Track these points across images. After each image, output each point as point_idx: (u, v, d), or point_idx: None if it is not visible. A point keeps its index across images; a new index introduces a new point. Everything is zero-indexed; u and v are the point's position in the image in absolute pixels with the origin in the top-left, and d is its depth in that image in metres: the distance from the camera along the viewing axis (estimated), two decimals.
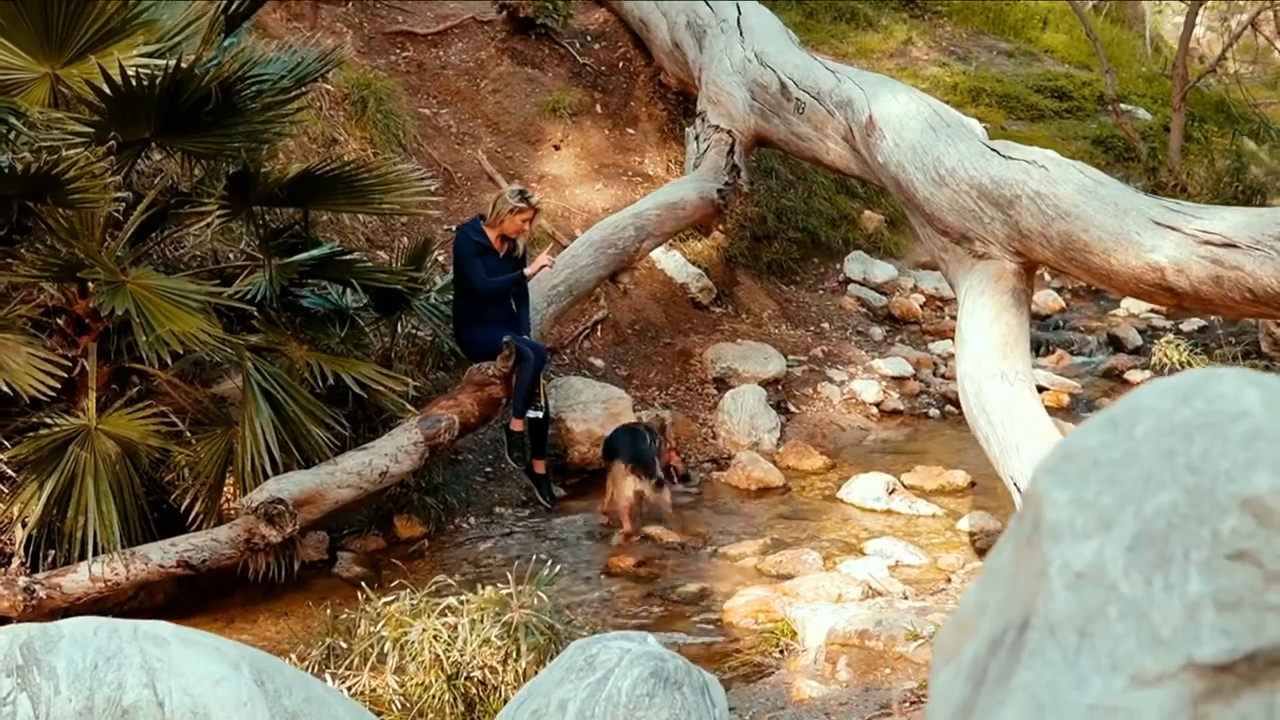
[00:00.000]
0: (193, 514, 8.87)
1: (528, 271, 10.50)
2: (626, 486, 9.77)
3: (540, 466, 10.51)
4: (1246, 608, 1.87)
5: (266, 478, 8.70)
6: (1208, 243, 7.46)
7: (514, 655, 6.54)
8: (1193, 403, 2.05)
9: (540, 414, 10.32)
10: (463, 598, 6.82)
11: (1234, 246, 7.31)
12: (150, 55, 8.66)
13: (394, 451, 9.34)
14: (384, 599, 7.01)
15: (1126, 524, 1.98)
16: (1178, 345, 12.37)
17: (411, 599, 6.90)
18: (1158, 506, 1.96)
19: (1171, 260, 7.63)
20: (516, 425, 10.26)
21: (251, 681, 4.51)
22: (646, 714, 4.81)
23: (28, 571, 8.28)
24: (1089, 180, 8.47)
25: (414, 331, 11.09)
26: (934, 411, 12.81)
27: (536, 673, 5.78)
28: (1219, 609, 1.88)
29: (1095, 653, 1.94)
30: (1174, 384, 2.13)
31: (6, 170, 7.86)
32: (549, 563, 7.45)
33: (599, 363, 12.22)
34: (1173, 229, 7.71)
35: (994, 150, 9.22)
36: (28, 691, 4.23)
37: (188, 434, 8.93)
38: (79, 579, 8.13)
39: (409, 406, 9.62)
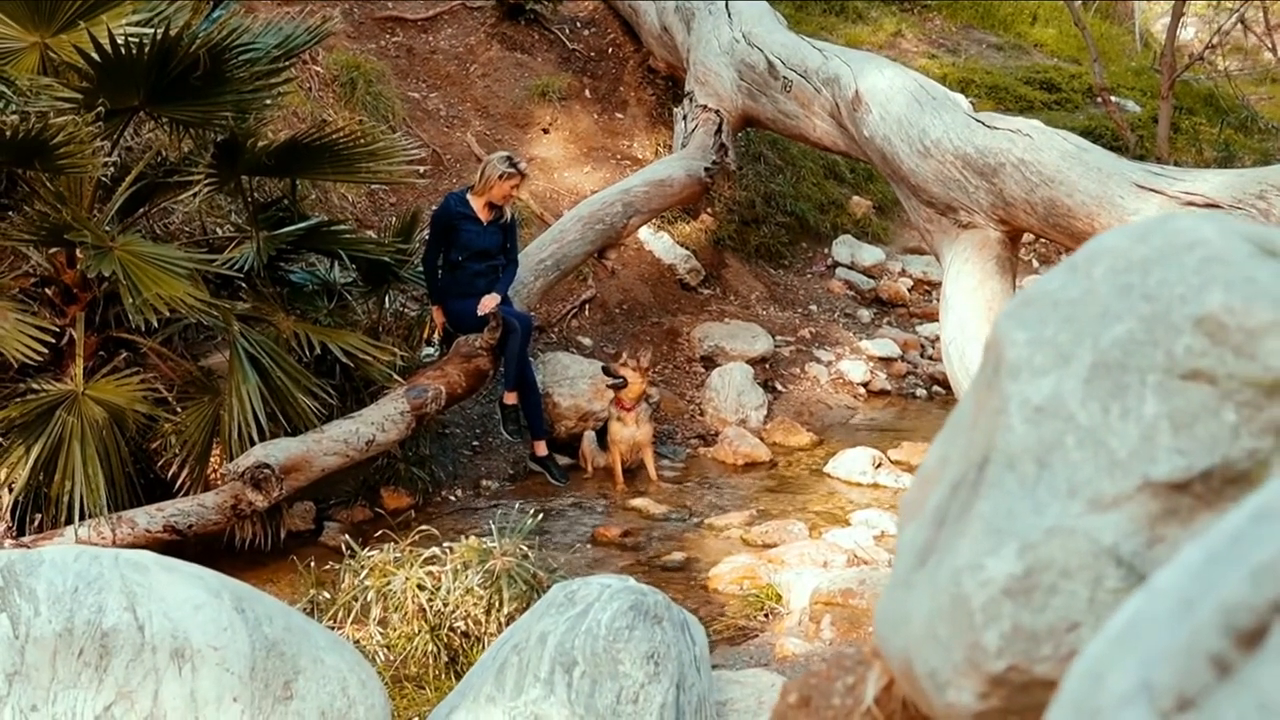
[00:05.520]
0: (179, 482, 8.84)
1: (481, 309, 10.25)
2: None
3: (541, 448, 10.51)
4: (1200, 426, 1.90)
5: (253, 445, 8.71)
6: (1190, 204, 7.48)
7: (497, 605, 6.56)
8: (1150, 240, 2.08)
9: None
10: (446, 547, 6.84)
11: (1216, 207, 7.34)
12: (139, 24, 8.67)
13: (381, 420, 9.35)
14: (368, 551, 7.03)
15: (1084, 357, 2.01)
16: None
17: (394, 551, 6.93)
18: (1114, 337, 1.99)
19: None
20: (509, 398, 10.26)
21: (231, 608, 4.53)
22: (626, 646, 4.84)
23: (14, 535, 8.26)
24: (1072, 147, 8.49)
25: (401, 308, 11.11)
26: (921, 392, 12.85)
27: None
28: (1174, 429, 1.90)
29: (1053, 480, 1.97)
30: (1132, 226, 2.17)
31: None
32: (531, 512, 7.47)
33: (587, 341, 12.24)
34: (1156, 192, 7.74)
35: (979, 121, 9.24)
36: (8, 612, 4.25)
37: (174, 404, 8.93)
38: (65, 543, 8.10)
39: (396, 377, 9.61)
